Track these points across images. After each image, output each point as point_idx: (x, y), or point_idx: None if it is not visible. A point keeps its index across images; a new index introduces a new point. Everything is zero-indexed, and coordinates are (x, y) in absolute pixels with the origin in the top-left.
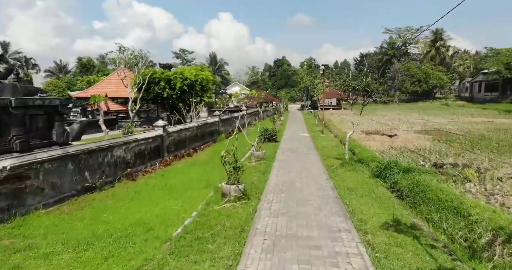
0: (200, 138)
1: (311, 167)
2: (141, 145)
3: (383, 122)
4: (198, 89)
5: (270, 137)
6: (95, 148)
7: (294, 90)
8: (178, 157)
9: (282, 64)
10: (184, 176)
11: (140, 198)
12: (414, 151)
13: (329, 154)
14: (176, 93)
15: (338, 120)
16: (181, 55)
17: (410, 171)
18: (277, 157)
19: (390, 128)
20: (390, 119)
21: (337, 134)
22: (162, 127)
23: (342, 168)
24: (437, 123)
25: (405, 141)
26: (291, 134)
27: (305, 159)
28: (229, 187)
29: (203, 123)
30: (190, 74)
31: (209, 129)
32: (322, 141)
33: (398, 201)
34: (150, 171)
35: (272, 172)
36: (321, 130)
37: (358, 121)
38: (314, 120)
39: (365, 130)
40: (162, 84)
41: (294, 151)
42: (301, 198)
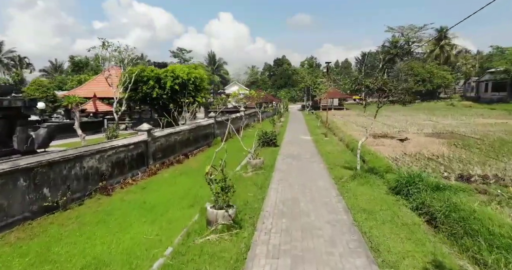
0: (193, 142)
1: (316, 179)
2: (120, 152)
3: (389, 124)
4: (191, 89)
5: (269, 141)
6: (58, 158)
7: (294, 90)
8: (166, 165)
9: (282, 63)
10: (168, 189)
11: (109, 221)
12: (432, 158)
13: (336, 162)
14: (166, 93)
15: (341, 122)
16: (178, 54)
17: (440, 189)
18: (277, 165)
19: (398, 131)
20: (396, 121)
21: (342, 137)
22: (146, 131)
23: (354, 180)
24: (447, 125)
25: (419, 146)
26: (292, 137)
27: (308, 167)
28: (216, 213)
29: (196, 126)
30: (182, 73)
31: (203, 133)
32: (326, 146)
33: (430, 228)
34: (130, 183)
35: (271, 185)
36: (324, 133)
37: (372, 125)
38: (316, 122)
39: (371, 133)
40: (151, 83)
41: (296, 157)
42: (307, 225)
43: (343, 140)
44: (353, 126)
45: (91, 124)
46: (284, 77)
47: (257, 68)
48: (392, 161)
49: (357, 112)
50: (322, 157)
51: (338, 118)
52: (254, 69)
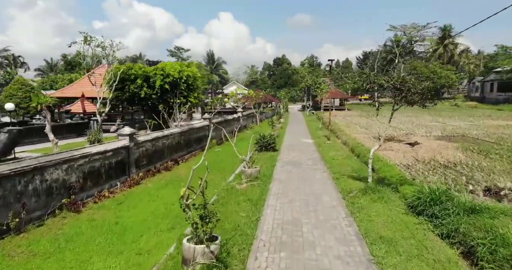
0: (184, 146)
1: (321, 193)
2: (95, 161)
3: (395, 126)
4: (183, 88)
5: (267, 145)
6: (7, 172)
7: (294, 90)
8: (152, 173)
9: (282, 63)
10: (148, 205)
11: (66, 252)
12: (448, 166)
13: (342, 170)
14: (156, 93)
15: (344, 123)
16: (176, 53)
17: (476, 211)
18: (275, 174)
19: (405, 133)
20: (401, 122)
21: (346, 141)
22: (128, 136)
23: (365, 195)
24: (456, 127)
25: (431, 151)
26: (292, 140)
27: (311, 177)
28: (194, 249)
29: (187, 128)
30: (173, 71)
31: (196, 136)
32: (330, 150)
33: (469, 266)
34: (107, 196)
35: (267, 201)
36: (326, 136)
37: (386, 130)
38: (317, 123)
39: (376, 135)
40: (139, 82)
41: (296, 164)
42: (312, 263)
43: (347, 143)
44: (357, 128)
45: (76, 127)
46: (284, 77)
47: (256, 67)
48: (404, 169)
49: (359, 113)
50: (325, 164)
51: (340, 120)
52: (254, 68)
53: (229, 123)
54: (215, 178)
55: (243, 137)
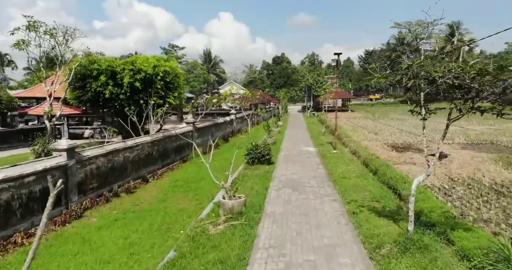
0: (158, 158)
1: (334, 246)
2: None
3: (408, 131)
4: (159, 87)
5: (261, 157)
6: None
7: (294, 90)
8: (105, 198)
9: (281, 61)
10: (71, 265)
11: None
12: (500, 191)
13: (358, 196)
14: (124, 92)
15: (350, 127)
16: (170, 51)
17: None
18: (268, 204)
19: (419, 141)
20: (413, 126)
21: (355, 150)
22: (65, 151)
23: (405, 254)
24: (479, 132)
25: (466, 166)
26: (291, 148)
27: (318, 211)
28: None
29: (162, 136)
30: (146, 65)
31: (175, 144)
32: (338, 163)
33: None
34: (20, 243)
35: (251, 266)
36: (331, 143)
37: (439, 146)
38: (320, 126)
39: (391, 143)
40: (102, 80)
41: (297, 186)
42: None
43: (357, 153)
44: (365, 133)
45: (32, 133)
46: (284, 76)
47: (255, 67)
48: (442, 196)
49: (364, 115)
50: (335, 186)
51: (345, 122)
52: (253, 68)
53: (220, 127)
54: (187, 208)
55: (235, 142)
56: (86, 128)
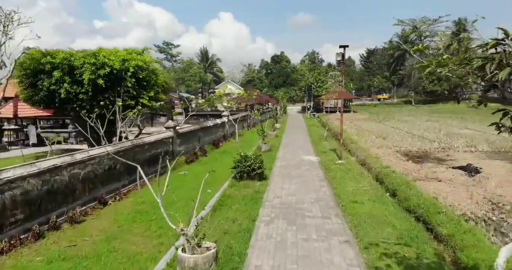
0: (124, 172)
1: None
2: None
3: (419, 135)
4: (130, 85)
5: (251, 171)
6: None
7: (293, 90)
8: (34, 235)
9: (280, 60)
10: None
11: None
12: None
13: (378, 235)
14: (85, 92)
15: (354, 130)
16: (164, 49)
17: None
18: (252, 254)
19: (441, 147)
20: (424, 129)
21: (364, 160)
22: None
23: None
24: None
25: (507, 184)
26: (289, 157)
27: (324, 265)
28: None
29: (131, 145)
30: (114, 59)
31: (149, 154)
32: (345, 179)
33: None
34: None
35: None
36: (334, 150)
37: None
38: (321, 129)
39: (404, 150)
40: (56, 75)
41: (294, 216)
42: None
43: (367, 164)
44: (372, 137)
45: None
46: (283, 76)
47: (254, 66)
48: (493, 233)
49: (367, 116)
50: (345, 215)
51: (348, 125)
52: (251, 67)
53: (209, 131)
54: (141, 254)
55: (227, 148)
56: (61, 131)
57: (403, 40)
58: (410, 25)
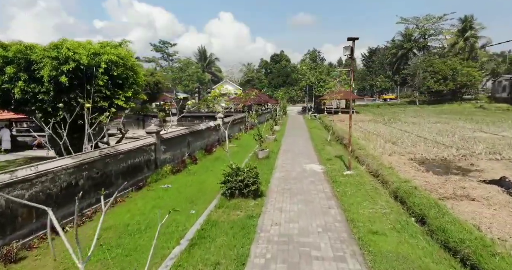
0: (90, 190)
1: None
2: None
3: (431, 139)
4: (102, 84)
5: (244, 187)
6: None
7: (294, 90)
8: None
9: (280, 59)
10: None
11: None
12: None
13: None
14: (46, 91)
15: (360, 133)
16: (161, 48)
17: None
18: None
19: (460, 154)
20: (436, 132)
21: (377, 170)
22: None
23: None
24: None
25: None
26: (290, 166)
27: None
28: None
29: (99, 156)
30: (81, 53)
31: (123, 166)
32: (358, 196)
33: None
34: None
35: None
36: (340, 157)
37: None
38: (323, 132)
39: (420, 158)
40: (9, 72)
41: (297, 259)
42: None
43: (381, 176)
44: (380, 142)
45: None
46: (283, 75)
47: (253, 65)
48: None
49: (372, 117)
50: (364, 255)
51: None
52: (250, 66)
53: (200, 136)
54: None
55: (221, 154)
56: (40, 136)
57: (406, 39)
58: (414, 23)
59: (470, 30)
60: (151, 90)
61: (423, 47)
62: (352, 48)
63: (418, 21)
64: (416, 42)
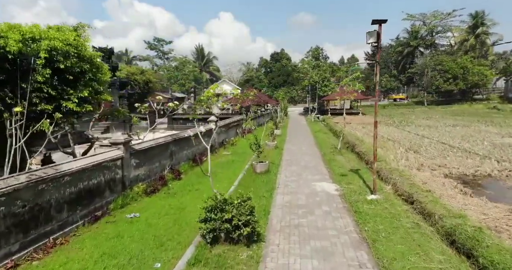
0: (13, 227)
1: None
2: None
3: (458, 146)
4: (42, 79)
5: (233, 230)
6: None
7: (295, 90)
8: None
9: (280, 58)
10: None
11: None
12: None
13: None
14: None
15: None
16: (155, 46)
17: None
18: None
19: (507, 170)
20: (460, 137)
21: (409, 194)
22: None
23: None
24: None
25: None
26: (295, 187)
27: None
28: None
29: (28, 181)
30: (11, 37)
31: (71, 191)
32: (397, 243)
33: None
34: None
35: None
36: (357, 171)
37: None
38: (330, 137)
39: (455, 173)
40: None
41: None
42: None
43: (419, 204)
44: (400, 150)
45: None
46: (283, 75)
47: (253, 65)
48: None
49: (380, 119)
50: None
51: (362, 131)
52: (250, 66)
53: (187, 144)
54: None
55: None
56: None
57: (412, 36)
58: (421, 19)
59: (482, 27)
60: (141, 90)
61: (430, 45)
62: (379, 34)
63: (425, 18)
64: (423, 40)
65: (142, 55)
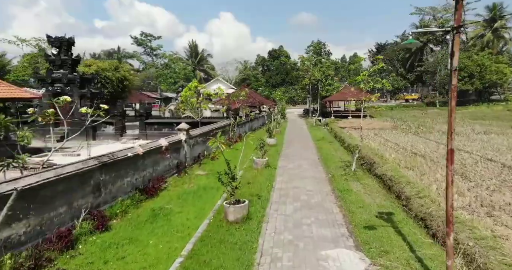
0: None
1: None
2: None
3: (491, 158)
4: None
5: None
6: None
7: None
8: None
9: (278, 55)
10: None
11: None
12: None
13: None
14: None
15: (393, 151)
16: (143, 41)
17: None
18: None
19: None
20: (505, 149)
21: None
22: None
23: None
24: None
25: None
26: (294, 250)
27: None
28: None
29: None
30: None
31: None
32: None
33: None
34: None
35: None
36: (390, 216)
37: None
38: (337, 149)
39: None
40: None
41: None
42: None
43: None
44: (440, 174)
45: None
46: (281, 73)
47: (250, 63)
48: None
49: (393, 123)
50: None
51: (373, 138)
52: (247, 64)
53: (132, 167)
54: None
55: (172, 198)
56: None
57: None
58: (430, 14)
59: (500, 20)
60: (114, 89)
61: (441, 41)
62: None
63: (436, 11)
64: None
65: (127, 52)
